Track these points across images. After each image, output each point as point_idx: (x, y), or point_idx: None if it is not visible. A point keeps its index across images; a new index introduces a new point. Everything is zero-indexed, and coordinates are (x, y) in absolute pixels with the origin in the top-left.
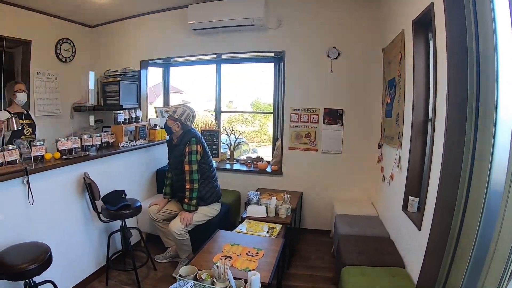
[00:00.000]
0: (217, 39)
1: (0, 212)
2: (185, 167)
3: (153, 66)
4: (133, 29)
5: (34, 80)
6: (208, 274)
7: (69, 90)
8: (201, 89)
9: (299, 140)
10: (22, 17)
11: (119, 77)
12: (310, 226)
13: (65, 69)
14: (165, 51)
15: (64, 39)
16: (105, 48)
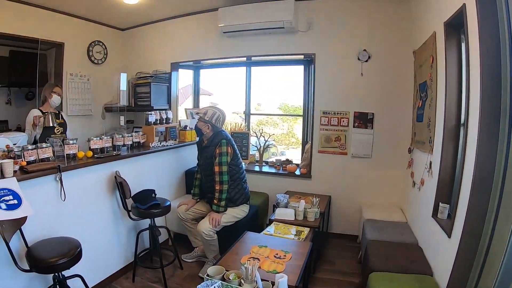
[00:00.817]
0: (247, 41)
1: (33, 207)
2: (215, 168)
3: (183, 68)
4: (164, 32)
5: (67, 81)
6: (236, 275)
7: (100, 91)
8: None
9: (329, 143)
10: (56, 21)
11: (150, 78)
12: (337, 230)
13: (97, 71)
14: (195, 54)
15: (96, 41)
16: (136, 50)
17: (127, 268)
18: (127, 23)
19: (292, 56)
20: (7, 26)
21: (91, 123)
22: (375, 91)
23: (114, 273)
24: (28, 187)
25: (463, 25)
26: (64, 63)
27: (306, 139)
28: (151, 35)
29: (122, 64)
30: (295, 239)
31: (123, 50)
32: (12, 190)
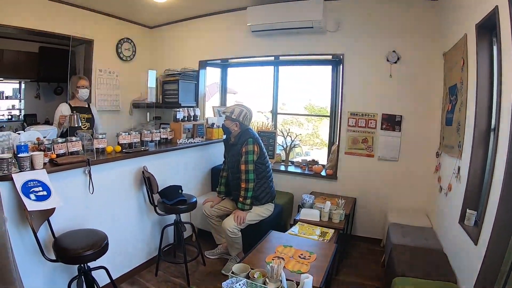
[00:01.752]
0: (276, 41)
1: (61, 199)
2: (241, 166)
3: (211, 67)
4: (192, 30)
5: (96, 77)
6: (261, 273)
7: (129, 87)
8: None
9: (356, 145)
10: (86, 18)
11: (178, 76)
12: (361, 233)
13: (125, 67)
14: (223, 52)
15: (125, 38)
16: (164, 48)
17: (150, 262)
18: (156, 21)
19: (320, 56)
20: (38, 23)
21: (118, 119)
22: (404, 93)
23: (137, 266)
24: (57, 179)
25: (495, 27)
26: (94, 59)
27: (333, 140)
28: (180, 33)
29: (150, 61)
30: (319, 240)
31: (151, 47)
32: (41, 182)
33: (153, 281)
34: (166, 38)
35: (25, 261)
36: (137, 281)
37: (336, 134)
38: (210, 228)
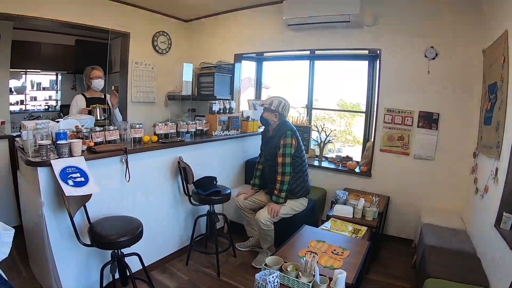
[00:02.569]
0: (311, 35)
1: (98, 185)
2: (278, 159)
3: (246, 60)
4: (227, 23)
5: (132, 69)
6: (294, 267)
7: (164, 79)
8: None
9: (391, 142)
10: (123, 11)
11: (213, 69)
12: (393, 232)
13: (161, 60)
14: (258, 46)
15: (161, 32)
16: (199, 41)
17: (182, 251)
18: (191, 15)
19: (356, 51)
20: (77, 16)
21: (154, 110)
22: (442, 91)
23: (168, 255)
24: (94, 166)
25: None
26: (130, 52)
27: (368, 136)
28: (215, 26)
29: (185, 54)
30: (352, 236)
31: (186, 40)
32: (79, 168)
33: (183, 270)
34: (202, 31)
35: (60, 245)
36: (168, 269)
37: (371, 130)
38: (243, 220)
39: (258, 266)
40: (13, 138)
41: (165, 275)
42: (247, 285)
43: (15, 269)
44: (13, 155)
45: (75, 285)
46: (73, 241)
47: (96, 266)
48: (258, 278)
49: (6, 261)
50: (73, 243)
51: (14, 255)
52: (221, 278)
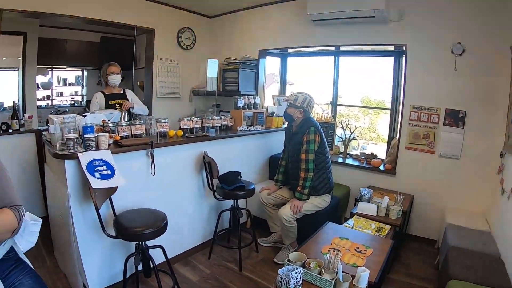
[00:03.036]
0: (336, 30)
1: (124, 178)
2: (302, 155)
3: (271, 56)
4: (252, 19)
5: (157, 64)
6: (317, 263)
7: (189, 75)
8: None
9: (417, 140)
10: (148, 8)
11: (238, 64)
12: (416, 232)
13: (186, 56)
14: (283, 41)
15: (185, 28)
16: (224, 37)
17: (205, 245)
18: (215, 11)
19: (382, 46)
20: (102, 13)
21: (179, 105)
22: (469, 88)
23: (191, 248)
24: (121, 160)
25: None
26: (155, 48)
27: (393, 134)
28: (239, 22)
29: (209, 50)
30: (375, 235)
31: (211, 36)
32: (106, 161)
33: (205, 264)
34: (226, 27)
35: (85, 236)
36: (190, 263)
37: (396, 128)
38: (266, 216)
39: (280, 262)
40: (40, 132)
41: (187, 268)
42: (268, 280)
43: (40, 258)
44: (40, 148)
45: (99, 275)
46: (98, 233)
47: (119, 257)
48: (281, 274)
49: (31, 251)
50: (98, 234)
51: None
52: (243, 273)
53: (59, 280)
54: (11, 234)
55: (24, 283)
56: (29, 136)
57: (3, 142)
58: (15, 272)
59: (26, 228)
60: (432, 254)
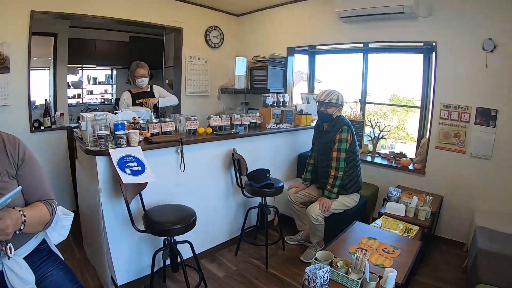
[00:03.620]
0: (364, 27)
1: (155, 174)
2: (333, 154)
3: (299, 53)
4: (279, 17)
5: (186, 63)
6: (344, 263)
7: (217, 73)
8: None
9: (447, 139)
10: (176, 7)
11: (266, 62)
12: (444, 234)
13: (214, 54)
14: (311, 39)
15: (213, 26)
16: (251, 35)
17: (232, 242)
18: (243, 9)
19: (411, 43)
20: (130, 14)
21: (207, 103)
22: (501, 85)
23: (218, 245)
24: (151, 156)
25: None
26: (183, 46)
27: (422, 133)
28: (267, 20)
29: (237, 48)
30: (403, 235)
31: (238, 34)
32: (137, 158)
33: (232, 260)
34: (253, 25)
35: (114, 230)
36: (217, 259)
37: (426, 126)
38: (293, 214)
39: (307, 261)
40: (71, 129)
41: (214, 264)
42: (294, 278)
43: (70, 250)
44: (71, 144)
45: (127, 268)
46: (128, 227)
47: (147, 251)
48: (308, 272)
49: (62, 243)
50: (127, 229)
51: (69, 237)
52: (269, 270)
53: (87, 272)
54: (43, 227)
55: (55, 274)
56: (61, 133)
57: (36, 139)
58: (47, 263)
59: (58, 222)
60: (460, 257)
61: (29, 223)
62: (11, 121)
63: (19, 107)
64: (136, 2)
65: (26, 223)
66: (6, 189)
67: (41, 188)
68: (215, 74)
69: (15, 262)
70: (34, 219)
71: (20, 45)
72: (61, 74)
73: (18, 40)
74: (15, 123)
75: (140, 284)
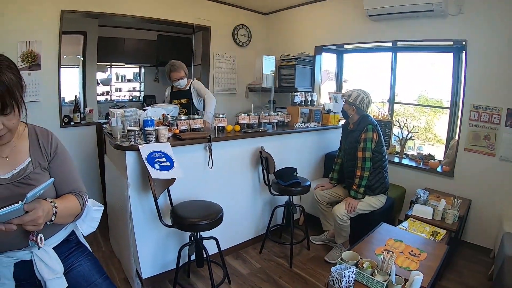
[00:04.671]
0: (393, 25)
1: (183, 170)
2: (358, 153)
3: (326, 52)
4: (307, 15)
5: (213, 61)
6: (370, 264)
7: (244, 71)
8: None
9: (477, 141)
10: (204, 6)
11: (294, 61)
12: (470, 239)
13: (241, 53)
14: (339, 37)
15: (241, 25)
16: (279, 34)
17: (256, 240)
18: (270, 8)
19: (440, 42)
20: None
21: (235, 101)
22: None
23: (243, 242)
24: (179, 152)
25: None
26: (211, 45)
27: (451, 134)
28: (294, 18)
29: (265, 47)
30: (430, 239)
31: (266, 33)
32: (165, 154)
33: (256, 258)
34: (281, 23)
35: (141, 224)
36: (241, 256)
37: (455, 128)
38: (319, 214)
39: (331, 261)
40: (100, 125)
41: (238, 261)
42: (317, 278)
43: (96, 243)
44: (100, 140)
45: (152, 262)
46: (154, 221)
47: (173, 246)
48: (334, 272)
49: (88, 235)
50: (154, 223)
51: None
52: (293, 269)
53: (112, 264)
54: (73, 219)
55: (82, 265)
56: (90, 128)
57: (65, 134)
58: (75, 254)
59: (88, 214)
60: (487, 263)
61: (60, 214)
62: (41, 117)
63: (50, 103)
64: (164, 1)
65: (57, 214)
66: (38, 180)
67: (73, 180)
68: (243, 73)
69: (45, 252)
70: (65, 211)
71: (51, 43)
72: (90, 72)
73: (49, 38)
74: (46, 118)
75: (164, 278)
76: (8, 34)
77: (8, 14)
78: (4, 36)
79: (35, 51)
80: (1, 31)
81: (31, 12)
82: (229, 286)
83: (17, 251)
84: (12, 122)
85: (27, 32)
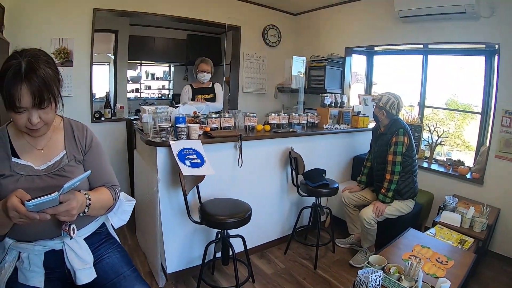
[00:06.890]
0: (424, 27)
1: (213, 167)
2: (389, 157)
3: (357, 54)
4: (337, 16)
5: (243, 61)
6: (397, 269)
7: (274, 71)
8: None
9: (508, 148)
10: (234, 6)
11: (324, 62)
12: (498, 249)
13: (271, 53)
14: (369, 39)
15: (271, 25)
16: (308, 34)
17: (282, 240)
18: (300, 8)
19: (472, 45)
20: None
21: (264, 101)
22: None
23: (269, 242)
24: (210, 150)
25: None
26: (241, 45)
27: (482, 140)
28: (324, 19)
29: (295, 47)
30: (458, 247)
31: (296, 33)
32: (196, 151)
33: (281, 258)
34: (311, 24)
35: (169, 219)
36: (266, 255)
37: (486, 133)
38: (346, 217)
39: (356, 265)
40: (130, 121)
41: (263, 260)
42: (341, 281)
43: (122, 236)
44: (129, 135)
45: (178, 257)
46: (182, 217)
47: (199, 243)
48: (361, 275)
49: (116, 229)
50: (182, 219)
51: None
52: (317, 271)
53: (138, 258)
54: (105, 211)
55: (111, 257)
56: (120, 124)
57: (96, 129)
58: (105, 245)
59: (120, 207)
60: None
61: (93, 206)
62: (73, 112)
63: (81, 99)
64: (195, 1)
65: (90, 206)
66: (72, 173)
67: (106, 173)
68: (272, 73)
69: (76, 242)
70: (98, 203)
71: (83, 41)
72: (121, 69)
73: (81, 36)
74: (77, 113)
75: (188, 273)
76: (42, 31)
77: (42, 11)
78: (38, 33)
79: (67, 48)
80: (35, 28)
81: (64, 10)
82: (253, 285)
83: (48, 240)
84: (48, 115)
85: (60, 29)
